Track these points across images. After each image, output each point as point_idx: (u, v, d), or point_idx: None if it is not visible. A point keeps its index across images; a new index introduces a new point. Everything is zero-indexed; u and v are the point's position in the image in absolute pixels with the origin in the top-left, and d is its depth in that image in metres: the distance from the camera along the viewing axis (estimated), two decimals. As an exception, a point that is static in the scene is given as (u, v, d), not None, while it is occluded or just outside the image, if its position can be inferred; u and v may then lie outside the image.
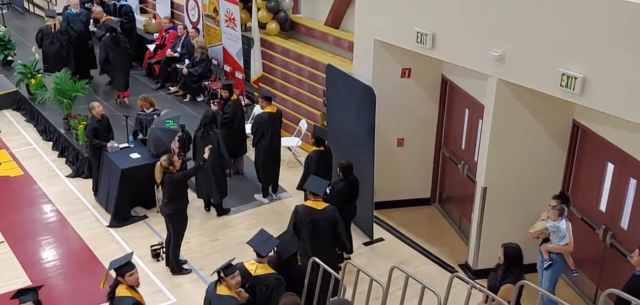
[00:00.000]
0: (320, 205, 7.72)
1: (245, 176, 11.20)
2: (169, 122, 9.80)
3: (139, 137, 10.52)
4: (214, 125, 9.85)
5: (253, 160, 10.76)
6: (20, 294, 6.07)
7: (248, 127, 11.18)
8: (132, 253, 6.56)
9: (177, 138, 10.35)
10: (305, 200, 8.00)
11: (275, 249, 7.00)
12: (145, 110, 10.66)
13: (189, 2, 14.93)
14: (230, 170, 10.93)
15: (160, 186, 8.79)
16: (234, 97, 10.95)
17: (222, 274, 6.24)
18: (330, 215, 7.72)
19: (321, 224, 7.64)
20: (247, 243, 6.87)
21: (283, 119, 12.73)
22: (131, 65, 14.14)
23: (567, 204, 7.56)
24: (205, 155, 9.03)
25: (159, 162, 8.48)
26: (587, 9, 6.60)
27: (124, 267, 6.21)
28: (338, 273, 7.27)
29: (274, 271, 6.68)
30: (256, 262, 6.67)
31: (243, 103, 13.27)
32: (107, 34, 13.28)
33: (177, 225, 8.59)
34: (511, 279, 6.66)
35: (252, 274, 6.58)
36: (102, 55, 13.40)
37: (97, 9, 14.31)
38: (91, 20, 14.43)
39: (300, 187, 9.37)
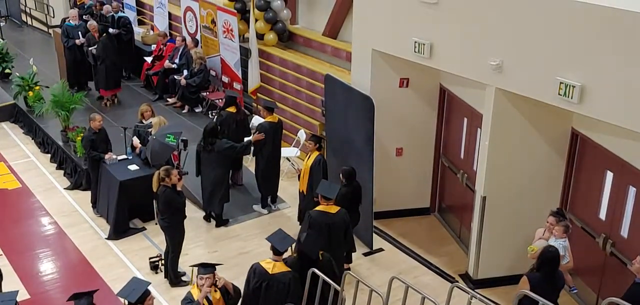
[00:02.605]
0: (334, 208, 7.86)
1: (244, 187, 11.18)
2: (169, 137, 9.73)
3: (136, 150, 10.40)
4: (215, 137, 9.83)
5: (252, 171, 10.74)
6: (75, 297, 6.16)
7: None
8: (149, 283, 6.52)
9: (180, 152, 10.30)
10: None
11: (293, 248, 7.03)
12: (144, 121, 10.62)
13: (187, 14, 14.95)
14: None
15: (155, 198, 8.76)
16: (232, 109, 10.89)
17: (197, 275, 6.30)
18: (343, 217, 7.88)
19: (337, 227, 7.77)
20: (265, 239, 6.91)
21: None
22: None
23: (561, 218, 7.56)
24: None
25: (157, 172, 8.46)
26: (585, 17, 6.61)
27: (144, 294, 6.22)
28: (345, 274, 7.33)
29: (290, 269, 6.76)
30: (273, 261, 6.73)
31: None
32: (104, 34, 13.67)
33: (172, 238, 8.56)
34: (531, 273, 6.69)
35: (270, 272, 6.65)
36: (100, 57, 13.68)
37: (92, 23, 14.28)
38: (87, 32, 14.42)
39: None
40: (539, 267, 6.70)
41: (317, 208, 7.93)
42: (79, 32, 14.25)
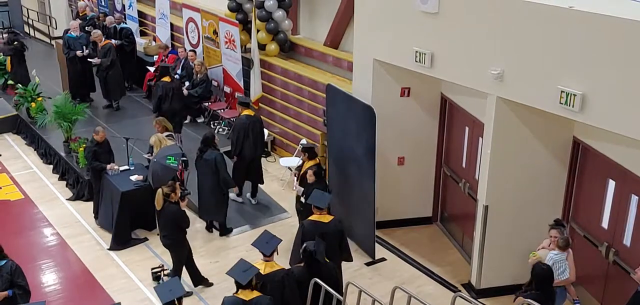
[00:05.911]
0: (327, 218, 7.84)
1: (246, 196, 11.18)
2: (170, 159, 9.64)
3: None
4: (212, 147, 9.85)
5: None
6: None
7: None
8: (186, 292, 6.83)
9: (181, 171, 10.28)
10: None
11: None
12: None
13: (189, 25, 15.00)
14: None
15: (158, 216, 8.72)
16: (167, 79, 12.06)
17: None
18: (337, 227, 7.86)
19: (330, 237, 7.74)
20: (251, 244, 7.23)
21: (284, 138, 12.74)
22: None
23: (563, 228, 7.54)
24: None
25: (160, 189, 8.44)
26: (586, 26, 6.62)
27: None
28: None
29: (282, 267, 7.00)
30: (264, 262, 6.95)
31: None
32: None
33: (175, 255, 8.57)
34: (528, 294, 6.67)
35: (262, 273, 6.80)
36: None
37: (96, 32, 14.36)
38: (90, 43, 14.48)
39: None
40: (537, 287, 6.69)
41: (310, 218, 7.89)
42: (81, 44, 14.30)
